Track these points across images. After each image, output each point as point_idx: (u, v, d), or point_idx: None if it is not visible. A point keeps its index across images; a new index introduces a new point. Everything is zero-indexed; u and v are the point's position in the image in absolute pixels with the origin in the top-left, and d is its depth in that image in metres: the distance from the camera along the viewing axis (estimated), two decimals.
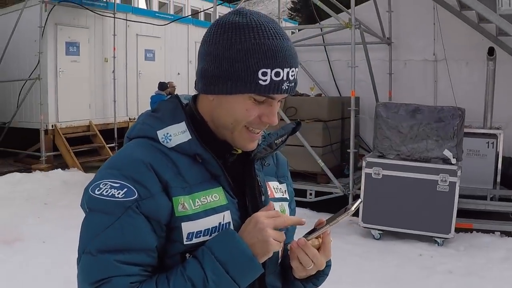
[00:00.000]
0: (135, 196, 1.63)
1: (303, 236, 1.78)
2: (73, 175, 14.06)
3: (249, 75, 1.65)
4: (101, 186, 1.66)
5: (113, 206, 1.62)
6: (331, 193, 10.73)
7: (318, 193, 10.86)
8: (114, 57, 17.56)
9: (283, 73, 1.66)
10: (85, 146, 16.66)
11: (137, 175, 1.66)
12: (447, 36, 11.86)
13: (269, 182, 1.98)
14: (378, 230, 8.87)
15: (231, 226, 1.74)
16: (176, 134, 1.76)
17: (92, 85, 17.28)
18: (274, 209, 1.77)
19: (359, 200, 1.81)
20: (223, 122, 1.78)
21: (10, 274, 7.19)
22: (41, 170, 14.76)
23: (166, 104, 1.86)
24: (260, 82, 1.65)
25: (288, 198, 2.08)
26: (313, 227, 1.83)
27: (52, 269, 7.31)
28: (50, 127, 15.79)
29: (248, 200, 1.83)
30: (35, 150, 16.15)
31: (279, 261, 1.93)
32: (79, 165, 15.16)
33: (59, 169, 14.78)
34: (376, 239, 8.82)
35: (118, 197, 1.63)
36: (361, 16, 12.00)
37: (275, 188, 2.00)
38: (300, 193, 10.48)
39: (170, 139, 1.75)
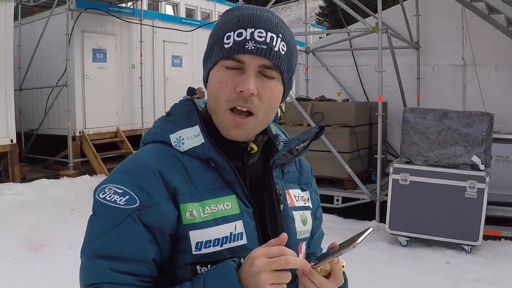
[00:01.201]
0: (136, 205, 1.60)
1: (311, 263, 1.69)
2: (101, 181, 14.11)
3: (217, 43, 1.69)
4: (106, 190, 1.66)
5: (114, 212, 1.61)
6: (358, 199, 10.67)
7: (345, 199, 10.82)
8: (141, 63, 17.73)
9: (246, 33, 1.65)
10: (113, 152, 16.72)
11: (143, 183, 1.63)
12: (475, 40, 11.74)
13: (289, 190, 1.90)
14: (405, 237, 8.78)
15: (244, 237, 1.67)
16: (189, 137, 1.73)
17: (119, 91, 17.44)
18: (285, 240, 1.58)
19: (370, 230, 1.68)
20: (210, 106, 1.77)
21: (36, 280, 7.25)
22: (69, 176, 14.94)
23: (180, 107, 1.83)
24: (225, 46, 1.66)
25: (311, 206, 2.01)
26: (326, 250, 1.76)
27: (77, 275, 7.31)
28: (77, 134, 15.96)
29: (265, 209, 1.77)
30: (63, 157, 16.29)
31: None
32: (106, 171, 15.22)
33: (87, 175, 14.96)
34: (403, 246, 8.73)
35: (119, 204, 1.61)
36: (389, 20, 11.90)
37: (296, 196, 1.93)
38: (327, 199, 10.46)
39: (182, 143, 1.72)
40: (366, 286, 6.83)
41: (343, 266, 1.71)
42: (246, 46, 1.63)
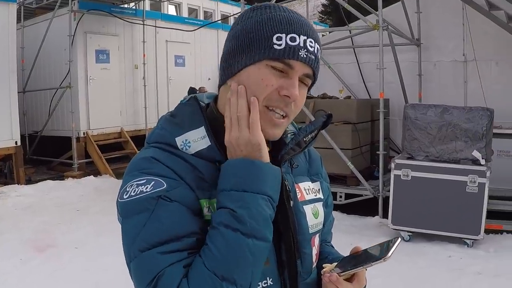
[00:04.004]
0: (164, 187, 1.56)
1: (336, 266, 1.74)
2: (105, 182, 14.19)
3: (263, 41, 1.63)
4: (127, 189, 1.60)
5: (145, 202, 1.55)
6: (361, 195, 10.74)
7: (348, 196, 10.85)
8: (144, 63, 17.82)
9: (299, 39, 1.63)
10: (117, 153, 16.82)
11: (160, 171, 1.61)
12: (476, 36, 11.73)
13: (299, 184, 1.88)
14: (408, 232, 8.82)
15: None
16: (195, 140, 1.69)
17: (122, 92, 17.51)
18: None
19: (398, 241, 1.72)
20: None
21: (43, 280, 7.29)
22: (73, 177, 14.96)
23: (184, 108, 1.80)
24: (275, 46, 1.62)
25: (322, 198, 1.99)
26: (349, 254, 1.81)
27: (84, 274, 7.41)
28: (81, 135, 16.03)
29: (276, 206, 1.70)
30: (67, 158, 16.33)
31: (314, 265, 1.87)
32: (111, 172, 15.31)
33: (91, 176, 14.96)
34: (406, 241, 8.75)
35: (147, 191, 1.56)
36: (390, 17, 11.96)
37: (307, 189, 1.90)
38: None
39: (189, 146, 1.68)
40: (369, 281, 6.74)
41: (365, 269, 1.73)
42: (300, 54, 1.63)
